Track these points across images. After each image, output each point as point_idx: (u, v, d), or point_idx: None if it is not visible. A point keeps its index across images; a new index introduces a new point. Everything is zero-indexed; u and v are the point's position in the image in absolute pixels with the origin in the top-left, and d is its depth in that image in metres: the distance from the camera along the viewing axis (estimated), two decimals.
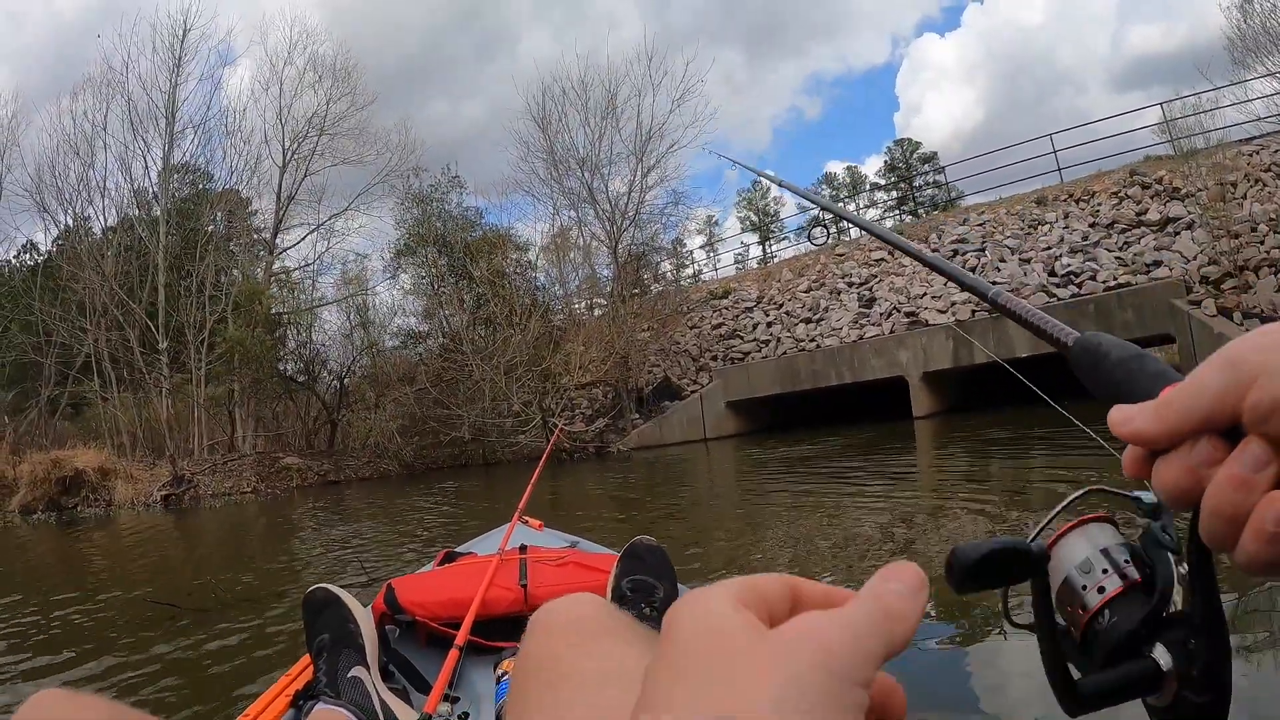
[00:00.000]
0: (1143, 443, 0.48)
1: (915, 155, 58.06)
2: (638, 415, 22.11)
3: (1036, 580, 0.55)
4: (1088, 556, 0.56)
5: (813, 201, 1.15)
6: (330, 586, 2.10)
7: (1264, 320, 13.31)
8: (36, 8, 47.00)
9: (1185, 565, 0.52)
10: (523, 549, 2.65)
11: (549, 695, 0.78)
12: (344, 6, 65.83)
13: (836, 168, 64.55)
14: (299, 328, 26.86)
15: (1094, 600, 0.55)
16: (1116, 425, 0.49)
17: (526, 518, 3.45)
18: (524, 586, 2.34)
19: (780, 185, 1.95)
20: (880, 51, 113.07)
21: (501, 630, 2.21)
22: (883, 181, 56.39)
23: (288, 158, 26.40)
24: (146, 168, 25.93)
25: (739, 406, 20.88)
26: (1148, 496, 0.56)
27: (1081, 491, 0.61)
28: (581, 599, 0.94)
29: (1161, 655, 0.51)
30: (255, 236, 28.13)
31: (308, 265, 27.84)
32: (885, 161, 59.16)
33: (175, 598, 6.03)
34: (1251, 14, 21.41)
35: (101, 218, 26.36)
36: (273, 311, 25.12)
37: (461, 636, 2.05)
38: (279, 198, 26.53)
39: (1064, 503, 0.61)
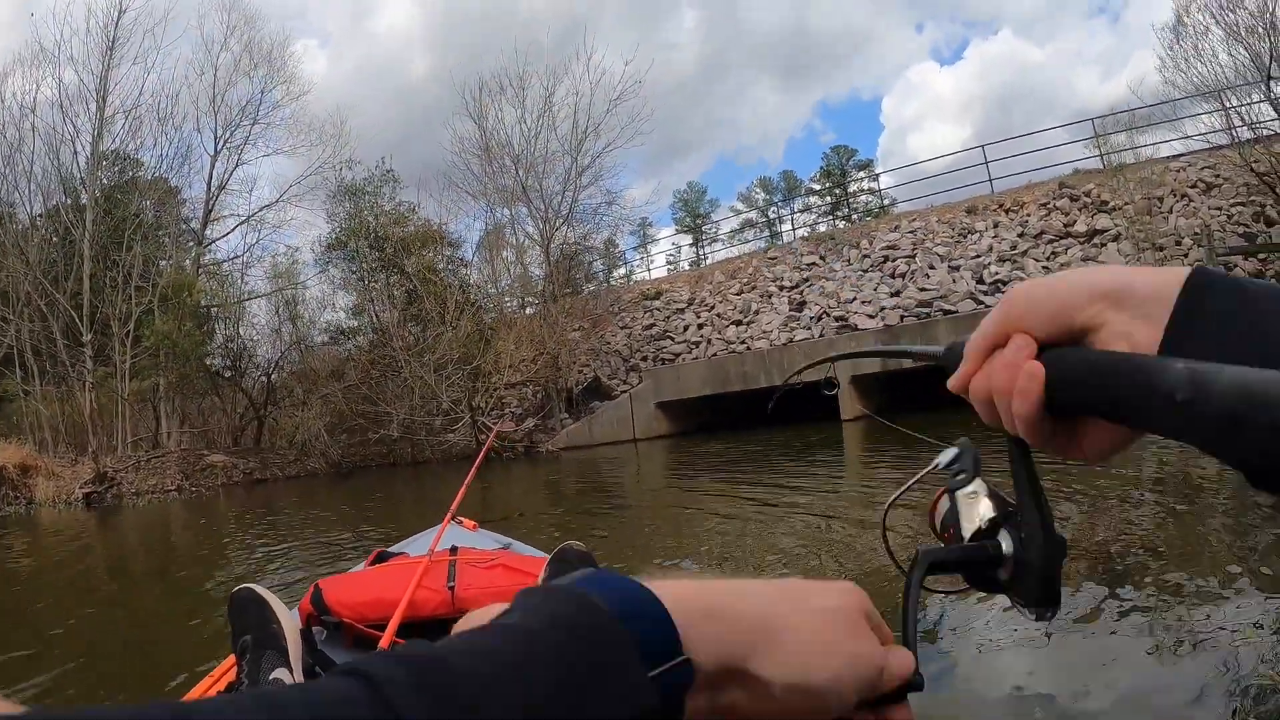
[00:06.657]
0: (964, 385, 0.59)
1: (850, 162, 58.52)
2: (567, 415, 22.06)
3: None
4: (952, 507, 0.68)
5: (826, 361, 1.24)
6: (255, 587, 2.09)
7: None
8: None
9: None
10: (454, 550, 2.64)
11: None
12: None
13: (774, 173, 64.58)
14: (227, 321, 26.41)
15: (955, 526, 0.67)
16: (950, 387, 0.60)
17: (460, 518, 3.43)
18: (451, 589, 2.34)
19: None
20: (885, 82, 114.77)
21: (429, 632, 2.19)
22: (818, 186, 56.72)
23: (219, 146, 26.01)
24: (75, 153, 25.27)
25: (669, 407, 20.87)
26: (945, 456, 0.71)
27: (915, 478, 0.76)
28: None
29: (1005, 539, 0.63)
30: (184, 226, 27.53)
31: (237, 257, 27.43)
32: (821, 168, 59.46)
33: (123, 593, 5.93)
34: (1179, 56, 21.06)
35: (27, 204, 25.64)
36: (201, 304, 24.64)
37: (386, 639, 2.05)
38: (209, 187, 26.13)
39: (906, 485, 0.78)
